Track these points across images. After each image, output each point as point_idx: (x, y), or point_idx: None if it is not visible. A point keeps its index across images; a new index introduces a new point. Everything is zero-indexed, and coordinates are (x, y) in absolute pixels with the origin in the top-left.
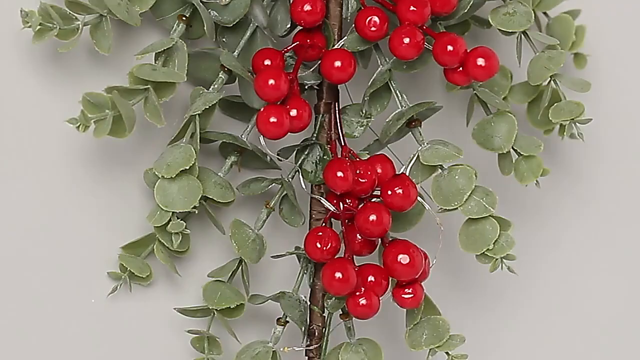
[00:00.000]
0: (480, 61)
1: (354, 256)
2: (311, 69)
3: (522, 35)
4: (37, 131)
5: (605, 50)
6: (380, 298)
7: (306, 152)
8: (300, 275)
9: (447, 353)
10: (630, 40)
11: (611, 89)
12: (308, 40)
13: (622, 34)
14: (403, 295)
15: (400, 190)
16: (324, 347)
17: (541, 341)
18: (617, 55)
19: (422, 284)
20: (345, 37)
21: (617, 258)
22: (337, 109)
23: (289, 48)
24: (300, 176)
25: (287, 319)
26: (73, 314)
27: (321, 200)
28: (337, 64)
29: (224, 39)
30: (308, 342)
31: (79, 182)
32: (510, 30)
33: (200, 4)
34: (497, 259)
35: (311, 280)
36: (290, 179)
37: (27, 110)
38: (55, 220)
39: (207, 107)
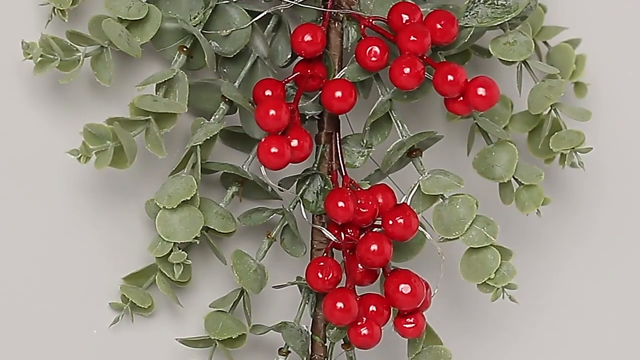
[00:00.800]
0: (481, 91)
1: (356, 286)
2: (312, 99)
3: (523, 65)
4: (39, 162)
5: (605, 79)
6: (382, 328)
7: (307, 182)
8: (302, 305)
9: None
10: (630, 69)
11: (611, 118)
12: (309, 71)
13: (622, 63)
14: (405, 325)
15: (401, 220)
16: None
17: None
18: (618, 84)
19: (424, 313)
20: (346, 67)
21: (618, 287)
22: (338, 139)
23: (289, 78)
24: (302, 206)
25: (288, 349)
26: (75, 344)
27: (322, 230)
28: (338, 94)
29: (224, 70)
30: None
31: (81, 212)
32: (510, 60)
33: (201, 35)
34: (498, 288)
35: (313, 310)
36: (292, 209)
37: (28, 141)
38: (57, 250)
39: (208, 137)
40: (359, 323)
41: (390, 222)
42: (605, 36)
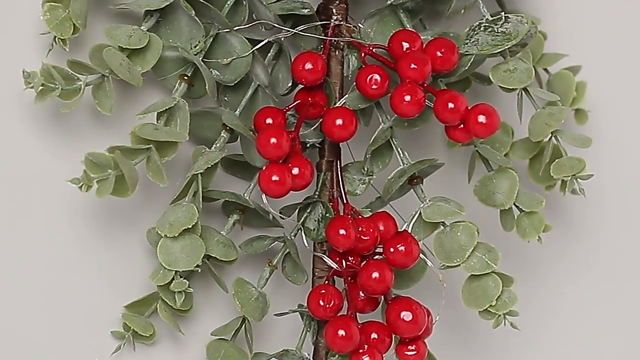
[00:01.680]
0: (481, 118)
1: (357, 313)
2: (313, 127)
3: (523, 92)
4: (40, 191)
5: (606, 106)
6: (384, 355)
7: (308, 210)
8: (304, 333)
9: None
10: (630, 96)
11: (612, 144)
12: (309, 99)
13: (622, 89)
14: (406, 352)
15: (402, 248)
16: None
17: None
18: (618, 111)
19: (425, 340)
20: (347, 95)
21: (620, 314)
22: (339, 166)
23: (290, 106)
24: (303, 234)
25: None
26: None
27: (324, 258)
28: (339, 122)
29: (225, 98)
30: None
31: (82, 241)
32: (511, 87)
33: (202, 63)
34: (500, 315)
35: (314, 338)
36: (293, 237)
37: (30, 170)
38: (59, 279)
39: (210, 166)
40: (360, 351)
41: (392, 249)
42: (605, 63)
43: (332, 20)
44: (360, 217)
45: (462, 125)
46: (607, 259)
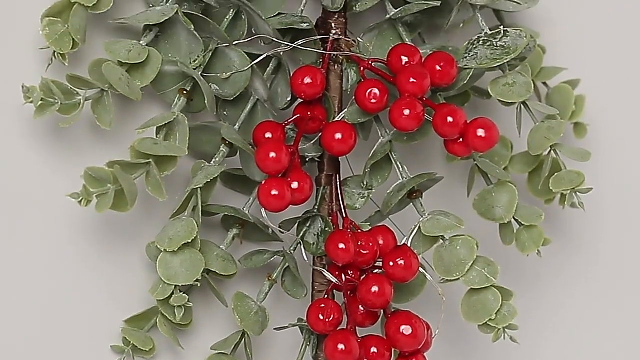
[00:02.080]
0: (481, 132)
1: (357, 327)
2: (312, 142)
3: (522, 106)
4: (40, 206)
5: (605, 119)
6: None
7: (308, 224)
8: (303, 347)
9: None
10: (629, 109)
11: (611, 158)
12: (309, 113)
13: (621, 103)
14: None
15: (402, 262)
16: None
17: None
18: (617, 124)
19: (425, 354)
20: (346, 110)
21: (620, 327)
22: (338, 181)
23: (289, 121)
24: (302, 248)
25: None
26: None
27: (323, 272)
28: (338, 136)
29: (225, 113)
30: None
31: (82, 255)
32: (510, 101)
33: (201, 78)
34: (499, 329)
35: (314, 352)
36: (293, 251)
37: (29, 185)
38: (58, 293)
39: (209, 180)
40: None
41: (391, 263)
42: (604, 77)
43: (331, 35)
44: (359, 231)
45: (461, 139)
46: (606, 273)
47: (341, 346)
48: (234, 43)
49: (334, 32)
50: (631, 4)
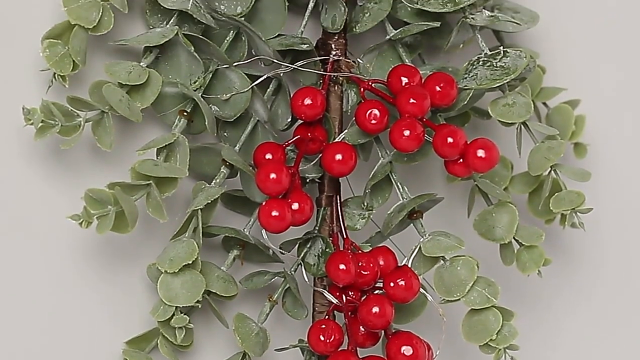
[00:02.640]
0: (481, 153)
1: (358, 348)
2: (312, 163)
3: (522, 126)
4: (40, 227)
5: (605, 139)
6: None
7: (308, 245)
8: None
9: None
10: (629, 129)
11: (611, 178)
12: (309, 134)
13: (621, 123)
14: None
15: (402, 282)
16: None
17: None
18: (617, 144)
19: None
20: (346, 130)
21: (621, 347)
22: (338, 201)
23: (290, 142)
24: (303, 269)
25: None
26: None
27: (324, 293)
28: (338, 157)
29: (225, 134)
30: None
31: (83, 277)
32: (510, 121)
33: (201, 99)
34: (500, 349)
35: None
36: (293, 272)
37: (29, 206)
38: (59, 315)
39: (209, 201)
40: None
41: (392, 284)
42: (604, 97)
43: (331, 56)
44: (360, 251)
45: (461, 160)
46: (607, 293)
47: None
48: (234, 64)
49: (334, 53)
50: (631, 25)
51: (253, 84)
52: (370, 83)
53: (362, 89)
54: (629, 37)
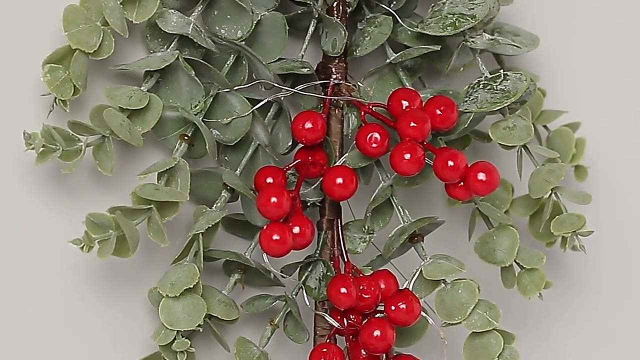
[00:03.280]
0: (481, 176)
1: None
2: (313, 186)
3: (523, 149)
4: (41, 252)
5: (605, 162)
6: None
7: (309, 269)
8: None
9: None
10: (630, 152)
11: (612, 201)
12: (309, 158)
13: (621, 146)
14: None
15: (403, 306)
16: None
17: None
18: (617, 167)
19: None
20: (347, 154)
21: None
22: (339, 225)
23: (290, 165)
24: (304, 293)
25: None
26: None
27: (325, 317)
28: (339, 180)
29: (226, 158)
30: None
31: (84, 301)
32: (510, 144)
33: (202, 123)
34: None
35: None
36: (294, 296)
37: (31, 231)
38: (61, 339)
39: (210, 225)
40: None
41: (393, 307)
42: (604, 120)
43: (332, 79)
44: (361, 275)
45: (462, 183)
46: (608, 315)
47: None
48: (235, 88)
49: (334, 76)
50: (631, 49)
51: (254, 108)
52: (370, 106)
53: (362, 113)
54: (629, 61)
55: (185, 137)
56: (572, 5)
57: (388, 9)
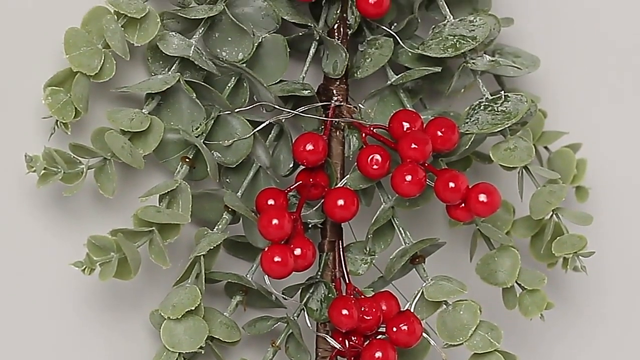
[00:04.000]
0: (482, 197)
1: None
2: (314, 208)
3: (524, 170)
4: (43, 274)
5: (606, 183)
6: None
7: (311, 291)
8: None
9: None
10: (631, 173)
11: (613, 221)
12: (311, 180)
13: (623, 166)
14: None
15: (405, 327)
16: None
17: None
18: (619, 188)
19: None
20: (348, 176)
21: None
22: (341, 247)
23: (292, 187)
24: (306, 314)
25: None
26: None
27: (327, 338)
28: (340, 202)
29: (227, 180)
30: None
31: (86, 323)
32: (511, 166)
33: (203, 145)
34: None
35: None
36: (296, 318)
37: (32, 254)
38: None
39: (212, 247)
40: None
41: (394, 329)
42: (605, 140)
43: (333, 101)
44: (362, 296)
45: (463, 205)
46: (610, 336)
47: None
48: (236, 110)
49: (335, 98)
50: (632, 69)
51: (255, 130)
52: (371, 128)
53: (363, 134)
54: (630, 81)
55: (187, 160)
56: (573, 27)
57: (389, 30)
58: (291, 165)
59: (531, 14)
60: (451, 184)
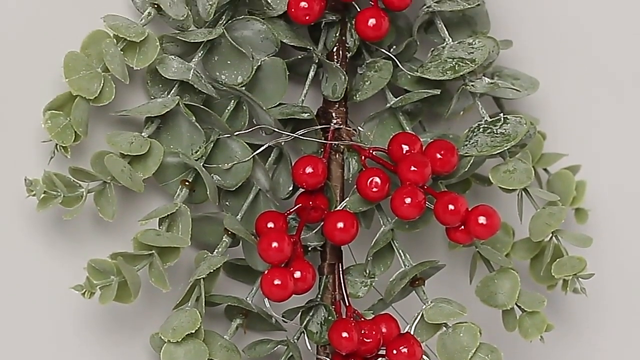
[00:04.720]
0: (482, 219)
1: None
2: (314, 231)
3: (523, 192)
4: (42, 298)
5: (606, 205)
6: None
7: (311, 313)
8: None
9: None
10: (630, 195)
11: (613, 243)
12: (310, 202)
13: (622, 188)
14: None
15: (405, 350)
16: None
17: None
18: (618, 210)
19: None
20: (347, 198)
21: None
22: (340, 269)
23: (291, 210)
24: (306, 337)
25: None
26: None
27: None
28: (340, 225)
29: (227, 203)
30: None
31: (86, 347)
32: (511, 188)
33: (203, 168)
34: None
35: None
36: (296, 340)
37: (32, 277)
38: None
39: (212, 270)
40: None
41: (395, 351)
42: (605, 162)
43: (332, 124)
44: (362, 319)
45: (462, 227)
46: (610, 358)
47: None
48: (235, 133)
49: (334, 121)
50: (631, 92)
51: (254, 153)
52: (371, 151)
53: (363, 157)
54: (628, 104)
55: (186, 183)
56: (572, 50)
57: (388, 53)
58: (290, 188)
59: (530, 36)
60: (451, 207)
